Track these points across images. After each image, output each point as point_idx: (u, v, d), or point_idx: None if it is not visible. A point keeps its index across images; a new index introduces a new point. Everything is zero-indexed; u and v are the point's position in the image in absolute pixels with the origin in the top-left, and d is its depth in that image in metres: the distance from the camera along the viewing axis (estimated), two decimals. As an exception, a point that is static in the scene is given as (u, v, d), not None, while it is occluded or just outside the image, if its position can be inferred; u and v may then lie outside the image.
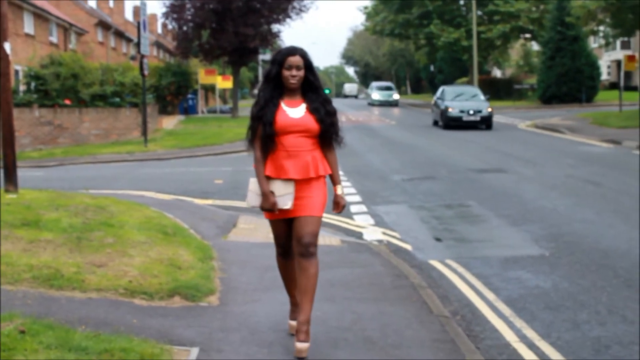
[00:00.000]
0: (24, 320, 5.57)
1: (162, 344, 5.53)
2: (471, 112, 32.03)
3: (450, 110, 32.38)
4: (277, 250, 5.90)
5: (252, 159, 5.62)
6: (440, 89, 36.44)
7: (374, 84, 71.62)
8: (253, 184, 5.61)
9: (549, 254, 9.39)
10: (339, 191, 5.70)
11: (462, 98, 33.83)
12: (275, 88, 5.58)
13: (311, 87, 5.63)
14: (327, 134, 5.60)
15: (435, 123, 35.01)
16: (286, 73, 5.52)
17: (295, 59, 5.52)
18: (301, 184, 5.53)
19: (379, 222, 11.64)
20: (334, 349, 5.72)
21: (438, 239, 10.46)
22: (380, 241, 10.32)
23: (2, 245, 7.89)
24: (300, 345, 5.46)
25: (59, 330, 5.45)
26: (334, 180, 5.72)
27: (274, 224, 5.77)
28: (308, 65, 5.59)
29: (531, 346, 6.25)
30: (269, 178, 5.56)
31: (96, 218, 9.62)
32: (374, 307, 6.95)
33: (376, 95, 65.63)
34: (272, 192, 5.50)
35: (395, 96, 65.72)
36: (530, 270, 8.66)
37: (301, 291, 5.53)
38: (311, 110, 5.56)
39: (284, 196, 5.50)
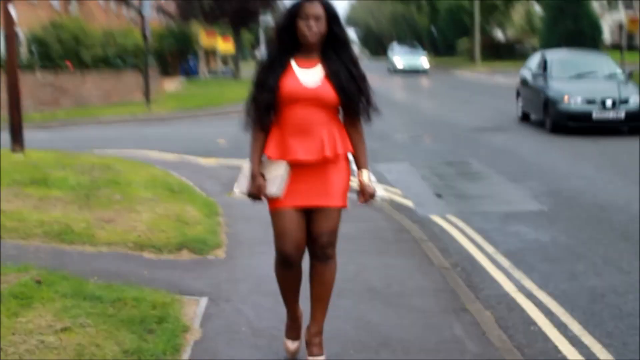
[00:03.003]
0: (39, 271, 5.77)
1: (172, 294, 5.73)
2: (609, 103, 17.01)
3: (568, 100, 17.14)
4: (277, 258, 4.57)
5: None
6: (536, 56, 21.19)
7: (396, 45, 56.32)
8: (246, 166, 4.55)
9: (547, 209, 9.56)
10: (364, 177, 4.50)
11: (585, 76, 18.78)
12: (286, 44, 4.39)
13: (335, 43, 4.40)
14: (349, 106, 4.41)
15: (526, 117, 19.94)
16: (301, 25, 4.30)
17: (314, 7, 4.30)
18: (316, 167, 4.38)
19: (381, 180, 11.79)
20: (338, 298, 5.87)
21: (439, 196, 10.64)
22: (382, 198, 10.49)
23: (12, 203, 8.08)
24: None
25: (73, 281, 5.66)
26: (359, 163, 4.53)
27: (279, 217, 4.45)
28: (332, 15, 4.37)
29: (529, 296, 6.44)
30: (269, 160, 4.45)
31: (103, 176, 9.79)
32: (377, 260, 7.14)
33: (399, 61, 51.21)
34: (263, 175, 4.42)
35: (424, 61, 51.16)
36: (530, 224, 8.83)
37: (314, 299, 4.66)
38: (329, 74, 4.36)
39: (273, 180, 4.39)
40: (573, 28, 49.54)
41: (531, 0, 62.44)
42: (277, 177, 4.36)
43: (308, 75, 4.36)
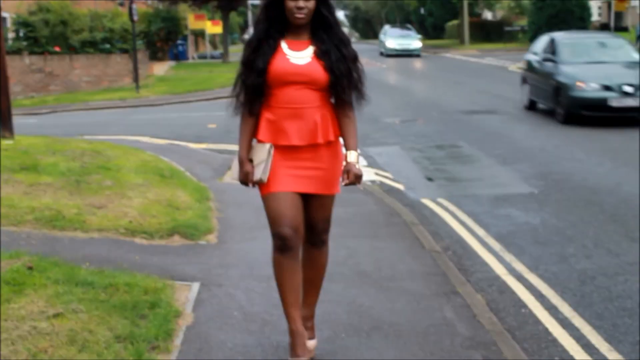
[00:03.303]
0: (30, 257, 5.78)
1: (164, 279, 5.74)
2: (627, 88, 15.17)
3: (581, 86, 15.43)
4: (275, 243, 4.35)
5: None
6: (543, 40, 18.86)
7: (388, 28, 53.60)
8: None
9: (538, 191, 9.60)
10: (351, 158, 4.29)
11: (600, 60, 16.81)
12: (274, 23, 4.24)
13: (324, 23, 4.26)
14: (338, 86, 4.25)
15: (533, 105, 18.07)
16: (290, 4, 4.14)
17: None
18: (311, 151, 4.28)
19: (372, 163, 11.81)
20: (329, 282, 5.87)
21: (430, 179, 10.66)
22: (373, 181, 10.50)
23: (3, 189, 8.06)
24: (308, 343, 4.51)
25: (65, 267, 5.67)
26: (347, 145, 4.34)
27: (274, 199, 4.28)
28: None
29: (519, 278, 6.48)
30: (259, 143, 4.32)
31: (93, 162, 9.78)
32: (367, 243, 7.16)
33: (392, 44, 48.34)
34: (251, 160, 4.32)
35: (417, 44, 48.34)
36: (520, 207, 8.87)
37: (307, 282, 4.59)
38: (319, 54, 4.23)
39: (259, 165, 4.27)
40: (561, 8, 49.49)
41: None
42: (261, 163, 4.25)
43: (298, 56, 4.23)
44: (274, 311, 5.29)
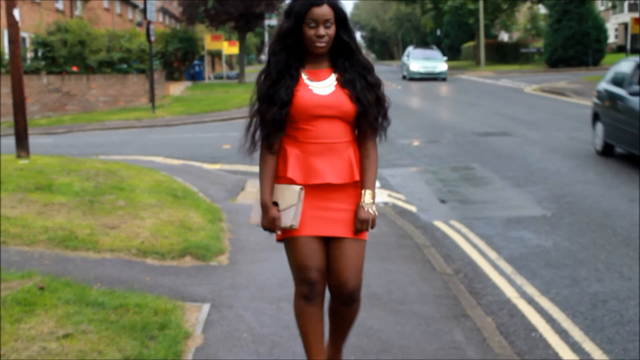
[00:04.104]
0: (42, 278, 5.82)
1: (174, 300, 5.77)
2: None
3: None
4: (301, 290, 4.07)
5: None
6: (628, 65, 14.20)
7: (412, 49, 49.03)
8: (259, 193, 4.05)
9: (550, 214, 9.58)
10: (366, 198, 3.95)
11: None
12: (292, 52, 3.92)
13: (344, 49, 3.97)
14: (368, 117, 3.95)
15: (609, 150, 14.01)
16: (310, 32, 3.84)
17: (323, 11, 3.84)
18: (339, 191, 3.94)
19: (385, 185, 11.82)
20: (339, 304, 5.94)
21: (442, 201, 10.66)
22: (385, 203, 10.50)
23: (17, 209, 8.13)
24: None
25: (76, 287, 5.70)
26: (364, 182, 3.97)
27: (300, 245, 3.96)
28: (340, 18, 3.92)
29: (530, 301, 6.46)
30: (290, 183, 3.93)
31: (107, 182, 9.84)
32: (379, 266, 7.16)
33: (415, 66, 44.40)
34: (276, 204, 3.94)
35: (443, 67, 44.36)
36: (532, 230, 8.85)
37: (336, 329, 4.27)
38: (343, 83, 3.93)
39: (287, 210, 3.90)
40: (577, 29, 49.54)
41: (535, 2, 62.35)
42: (291, 207, 3.87)
43: (321, 87, 3.93)
44: (283, 333, 5.31)
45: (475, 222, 9.32)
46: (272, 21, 53.22)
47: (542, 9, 66.86)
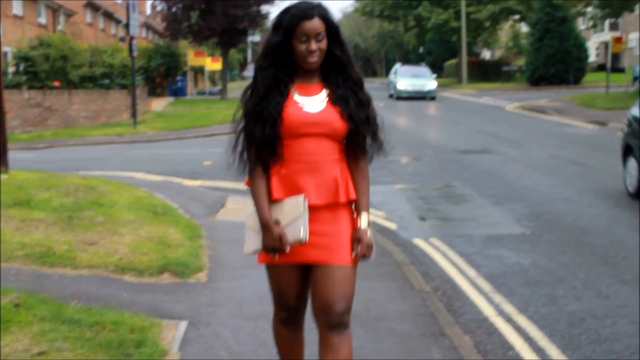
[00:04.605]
0: (18, 294, 5.77)
1: (151, 317, 5.74)
2: None
3: None
4: (279, 316, 3.99)
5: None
6: None
7: (399, 67, 46.47)
8: (250, 218, 3.82)
9: (530, 232, 9.61)
10: (363, 223, 3.77)
11: None
12: (281, 66, 3.73)
13: (336, 63, 3.78)
14: (359, 135, 3.80)
15: None
16: (300, 47, 3.65)
17: (314, 25, 3.65)
18: (326, 212, 3.74)
19: (365, 202, 11.81)
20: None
21: (422, 219, 10.68)
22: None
23: (-6, 224, 8.07)
24: None
25: (52, 304, 5.66)
26: (359, 205, 3.81)
27: (275, 272, 3.85)
28: (332, 30, 3.72)
29: (508, 320, 6.47)
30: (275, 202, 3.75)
31: (87, 198, 9.79)
32: (358, 283, 7.00)
33: (403, 84, 42.30)
34: (277, 222, 3.70)
35: (432, 85, 42.31)
36: (511, 248, 8.88)
37: None
38: (335, 99, 3.75)
39: (294, 223, 3.67)
40: (559, 48, 49.92)
41: (517, 20, 62.88)
42: (297, 219, 3.63)
43: (311, 103, 3.73)
44: (260, 351, 5.29)
45: (454, 239, 9.34)
46: (255, 37, 53.35)
47: (524, 27, 67.35)
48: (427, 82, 42.27)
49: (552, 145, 18.83)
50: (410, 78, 42.74)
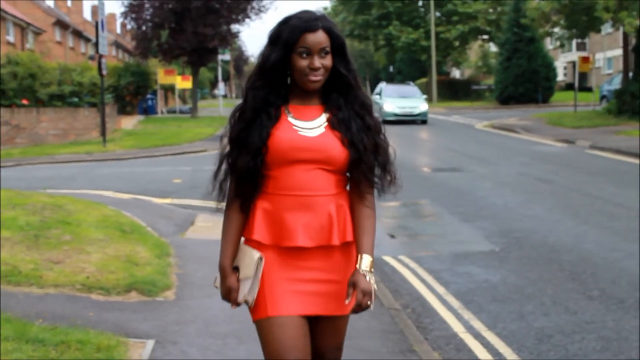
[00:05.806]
0: (-19, 314, 5.69)
1: (118, 336, 5.68)
2: None
3: None
4: None
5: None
6: None
7: (385, 86, 40.82)
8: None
9: (499, 249, 9.65)
10: (364, 265, 3.13)
11: None
12: (275, 85, 3.22)
13: (340, 82, 3.26)
14: (362, 165, 3.21)
15: None
16: (302, 64, 3.14)
17: (318, 38, 3.14)
18: (320, 257, 3.23)
19: (335, 220, 11.80)
20: (286, 340, 5.89)
21: (392, 236, 10.69)
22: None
23: (-41, 243, 7.96)
24: None
25: (16, 324, 5.59)
26: (360, 246, 3.19)
27: (276, 327, 3.18)
28: (338, 45, 3.21)
29: (477, 336, 6.48)
30: (257, 244, 3.24)
31: (53, 216, 9.70)
32: (326, 301, 7.13)
33: (390, 106, 36.54)
34: (237, 269, 3.26)
35: (423, 106, 36.74)
36: (480, 265, 8.90)
37: None
38: (335, 123, 3.22)
39: (246, 281, 3.23)
40: (527, 67, 50.43)
41: (486, 40, 63.51)
42: (247, 279, 3.20)
43: (308, 127, 3.21)
44: (228, 369, 5.24)
45: (424, 257, 9.36)
46: (225, 56, 53.27)
47: (492, 47, 68.00)
48: (418, 103, 36.82)
49: (521, 163, 18.97)
50: (397, 99, 37.26)
